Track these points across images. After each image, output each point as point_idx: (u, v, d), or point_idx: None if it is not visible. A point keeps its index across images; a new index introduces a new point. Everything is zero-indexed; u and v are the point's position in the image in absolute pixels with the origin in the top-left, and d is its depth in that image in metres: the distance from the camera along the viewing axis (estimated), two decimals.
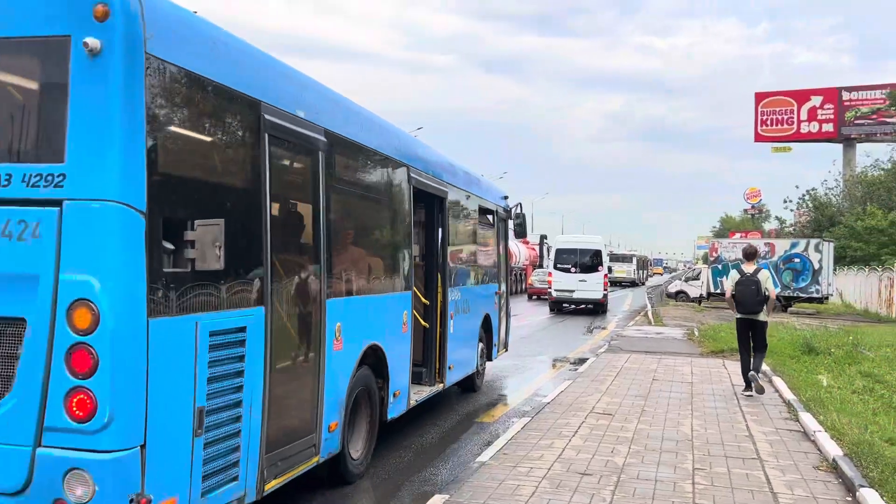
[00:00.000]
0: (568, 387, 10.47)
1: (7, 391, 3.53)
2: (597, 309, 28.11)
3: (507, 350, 12.59)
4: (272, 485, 4.79)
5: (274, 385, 4.72)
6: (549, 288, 28.41)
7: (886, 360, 13.14)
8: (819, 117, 60.98)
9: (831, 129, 60.47)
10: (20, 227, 3.52)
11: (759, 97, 64.01)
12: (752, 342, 10.20)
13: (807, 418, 8.27)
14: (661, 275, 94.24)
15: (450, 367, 8.78)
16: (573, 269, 27.66)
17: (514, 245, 33.37)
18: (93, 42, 3.47)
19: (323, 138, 5.50)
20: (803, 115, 61.53)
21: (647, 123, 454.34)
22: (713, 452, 7.06)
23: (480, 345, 10.58)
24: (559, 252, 28.50)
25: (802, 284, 30.49)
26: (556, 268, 28.20)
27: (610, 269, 40.07)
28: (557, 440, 7.34)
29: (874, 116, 58.36)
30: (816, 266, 30.27)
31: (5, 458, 3.50)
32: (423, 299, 8.43)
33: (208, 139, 4.34)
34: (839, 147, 60.58)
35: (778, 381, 10.95)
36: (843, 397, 9.66)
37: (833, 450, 6.83)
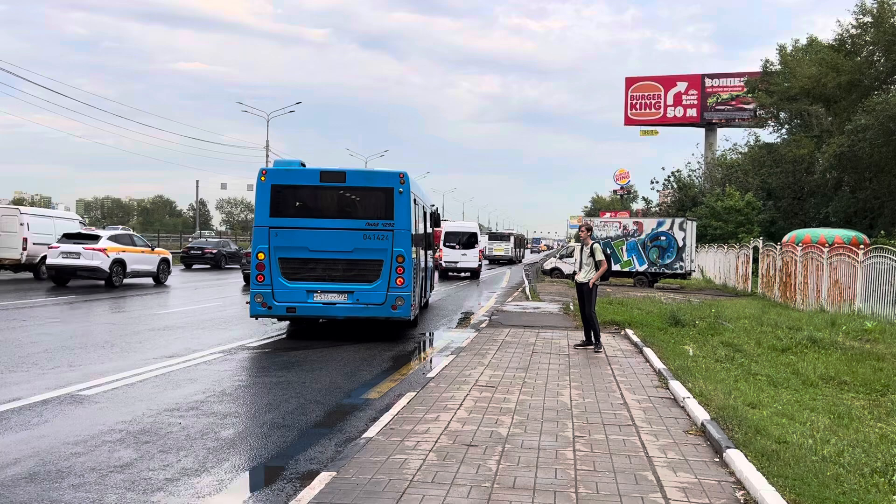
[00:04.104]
0: (452, 361, 10.59)
1: (379, 278, 13.12)
2: (473, 276, 37.02)
3: (434, 289, 22.78)
4: (415, 315, 14.83)
5: (414, 281, 13.91)
6: (440, 261, 35.06)
7: (744, 330, 14.04)
8: (684, 102, 64.15)
9: (695, 115, 63.79)
10: (382, 235, 13.17)
11: (630, 82, 66.59)
12: None
13: (676, 386, 8.72)
14: (546, 251, 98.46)
15: (424, 291, 17.97)
16: (457, 246, 37.04)
17: None
18: (399, 190, 13.28)
19: (423, 204, 16.92)
20: (669, 101, 64.51)
21: (523, 105, 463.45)
22: (591, 420, 7.33)
23: (429, 284, 19.59)
24: (447, 234, 37.23)
25: (668, 261, 32.14)
26: (444, 245, 36.56)
27: (484, 248, 50.37)
28: (443, 413, 7.41)
29: (733, 102, 62.05)
30: (681, 244, 31.96)
31: (379, 295, 13.09)
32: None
33: (416, 210, 14.79)
34: (702, 131, 64.02)
35: (648, 351, 11.51)
36: (707, 366, 10.25)
37: (701, 415, 7.24)
